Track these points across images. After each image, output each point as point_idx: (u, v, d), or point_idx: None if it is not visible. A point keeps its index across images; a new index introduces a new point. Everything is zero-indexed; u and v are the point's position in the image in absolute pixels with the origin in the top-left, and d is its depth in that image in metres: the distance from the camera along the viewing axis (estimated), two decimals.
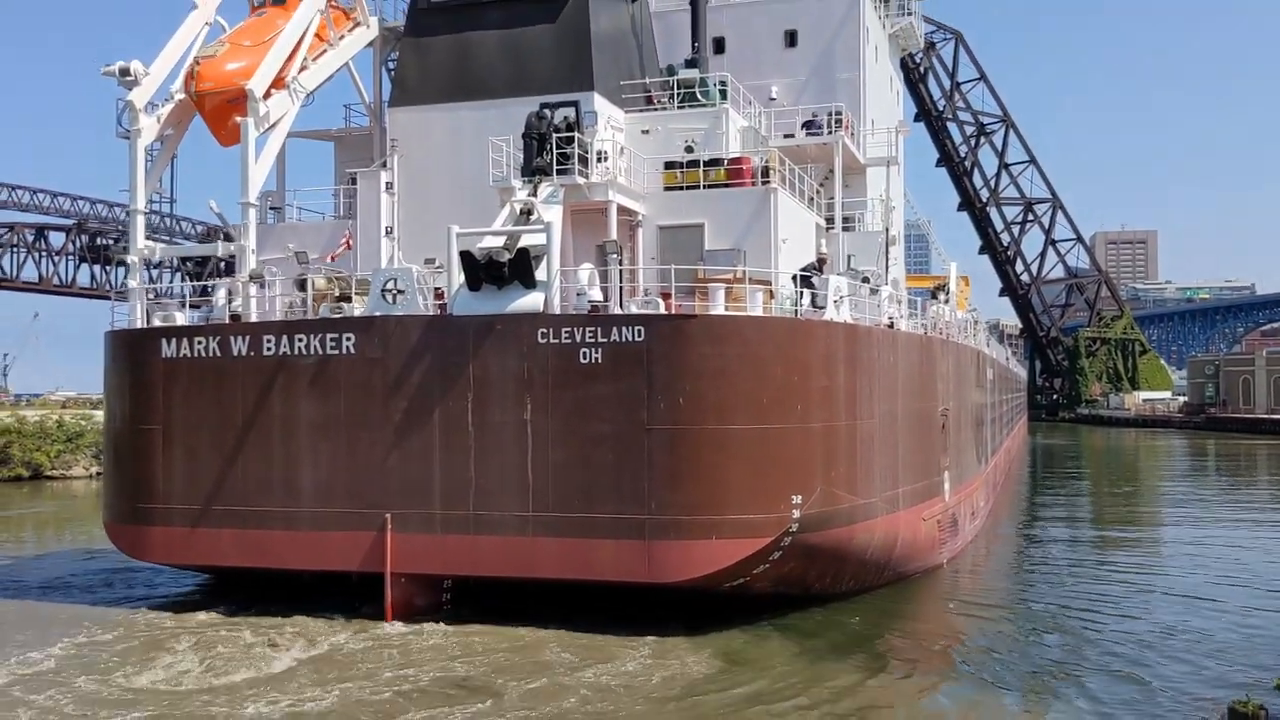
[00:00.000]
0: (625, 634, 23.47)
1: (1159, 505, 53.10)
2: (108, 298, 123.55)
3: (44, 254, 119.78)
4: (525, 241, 25.28)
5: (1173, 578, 31.28)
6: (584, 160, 28.59)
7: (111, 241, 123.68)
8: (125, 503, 28.05)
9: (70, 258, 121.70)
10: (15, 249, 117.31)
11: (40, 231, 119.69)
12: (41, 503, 54.82)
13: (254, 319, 27.54)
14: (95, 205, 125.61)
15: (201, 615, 25.93)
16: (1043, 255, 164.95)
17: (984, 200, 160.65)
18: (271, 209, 35.02)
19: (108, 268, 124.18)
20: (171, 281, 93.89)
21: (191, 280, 32.36)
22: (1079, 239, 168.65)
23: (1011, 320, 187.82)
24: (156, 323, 28.25)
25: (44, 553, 37.31)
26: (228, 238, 29.70)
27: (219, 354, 26.87)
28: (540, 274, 25.02)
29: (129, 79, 29.28)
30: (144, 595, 29.10)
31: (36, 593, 29.63)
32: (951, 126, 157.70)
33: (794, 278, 26.95)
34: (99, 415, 71.61)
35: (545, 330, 24.55)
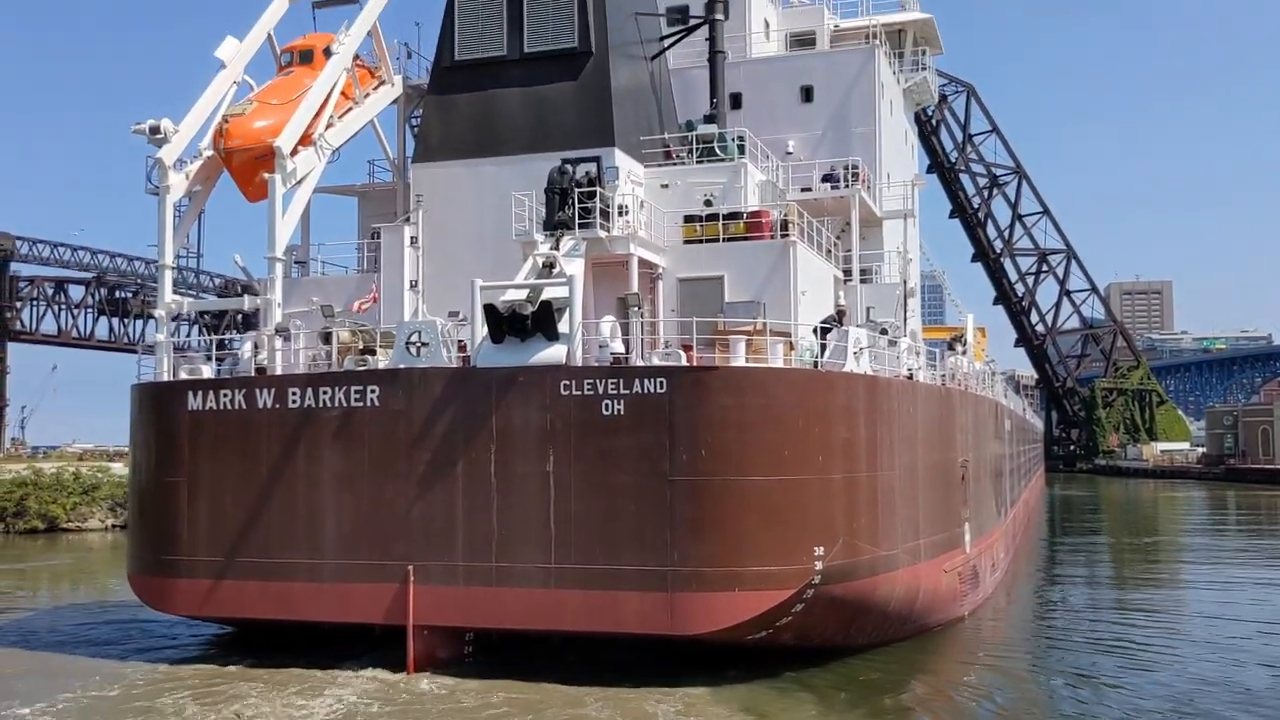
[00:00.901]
0: (650, 687, 23.38)
1: (1181, 558, 52.64)
2: (126, 350, 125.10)
3: (63, 307, 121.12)
4: (548, 294, 25.58)
5: (1197, 630, 30.96)
6: (605, 214, 29.00)
7: (130, 294, 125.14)
8: (150, 554, 28.21)
9: (89, 310, 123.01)
10: (35, 302, 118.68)
11: (60, 285, 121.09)
12: (57, 555, 54.71)
13: (279, 372, 27.87)
14: (115, 259, 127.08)
15: (219, 668, 25.87)
16: (1058, 306, 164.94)
17: (998, 251, 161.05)
18: (296, 263, 35.54)
19: (126, 320, 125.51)
20: (189, 334, 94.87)
21: (209, 333, 32.76)
22: (1094, 289, 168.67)
23: (1027, 370, 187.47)
24: (183, 376, 28.61)
25: (59, 605, 37.38)
26: (246, 291, 30.16)
27: (244, 406, 27.15)
28: (563, 326, 25.28)
29: (159, 136, 29.92)
30: (161, 648, 29.08)
31: (50, 645, 29.61)
32: (964, 178, 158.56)
33: (815, 329, 27.17)
34: (116, 467, 72.00)
35: (568, 382, 24.75)
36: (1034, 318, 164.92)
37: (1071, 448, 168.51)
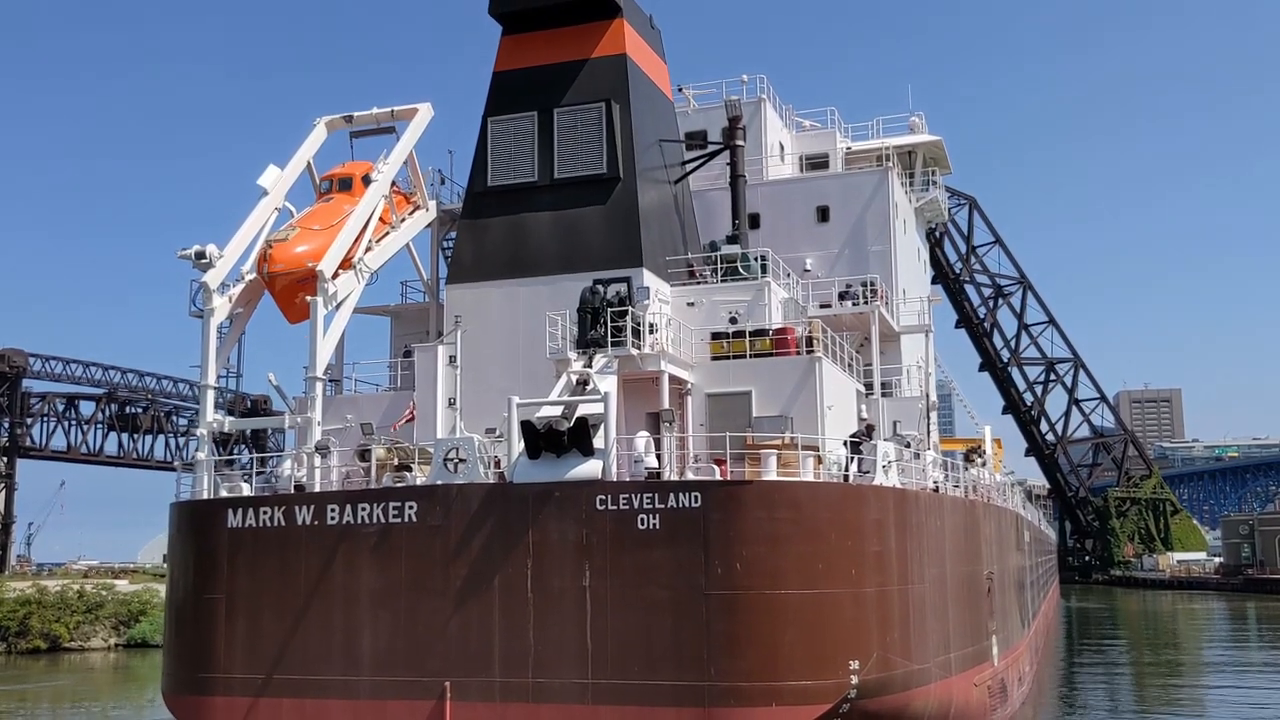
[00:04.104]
0: None
1: (1203, 674, 52.04)
2: (135, 465, 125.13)
3: (74, 423, 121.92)
4: (584, 411, 26.26)
5: None
6: (636, 332, 29.88)
7: (140, 410, 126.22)
8: (186, 672, 28.34)
9: (100, 426, 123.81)
10: (45, 418, 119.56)
11: (71, 401, 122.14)
12: (59, 676, 53.99)
13: (317, 488, 28.40)
14: (125, 375, 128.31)
15: None
16: (1067, 415, 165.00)
17: (1005, 361, 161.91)
18: (331, 381, 36.38)
19: (135, 435, 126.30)
20: (197, 450, 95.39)
21: (221, 450, 33.12)
22: (1103, 398, 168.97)
23: (1038, 480, 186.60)
24: (223, 494, 29.15)
25: None
26: (262, 412, 30.86)
27: (284, 523, 27.55)
28: (598, 442, 25.88)
29: (204, 261, 31.02)
30: None
31: None
32: (969, 289, 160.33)
33: (845, 443, 27.76)
34: (120, 585, 71.72)
35: (604, 497, 25.21)
36: (1044, 427, 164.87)
37: (1086, 558, 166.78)
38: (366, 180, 34.27)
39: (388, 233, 34.92)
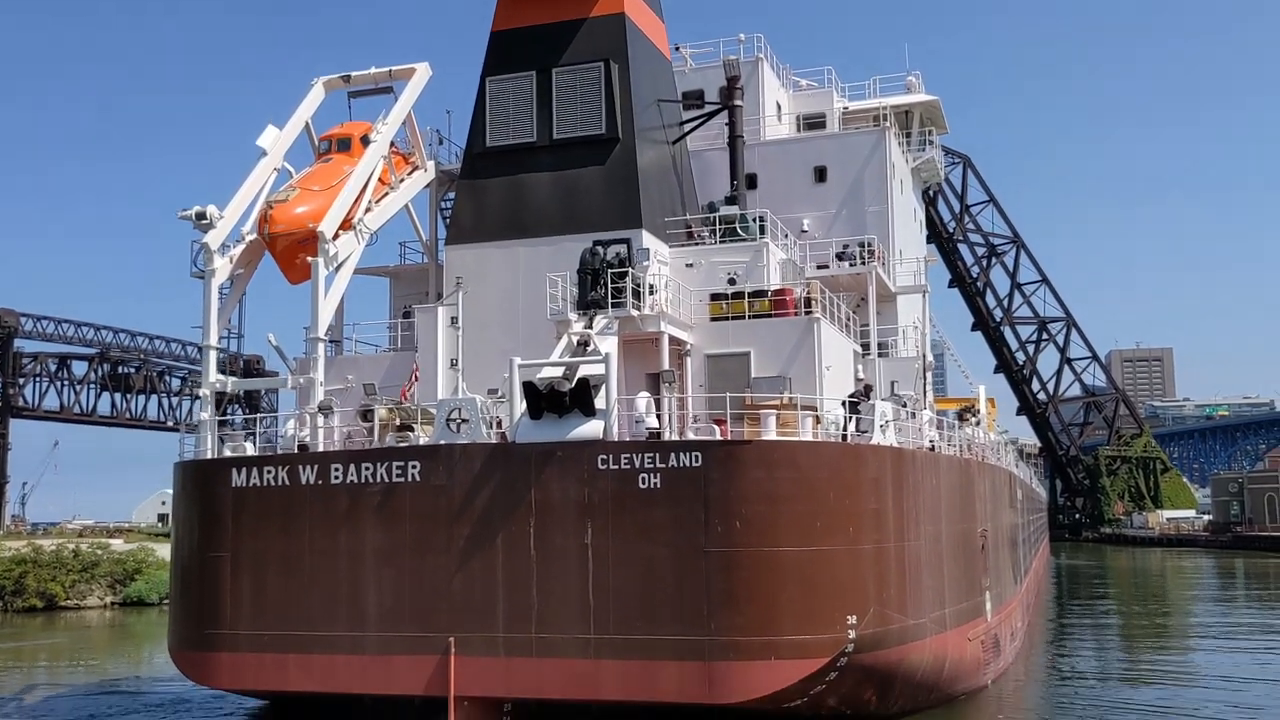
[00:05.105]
0: None
1: (1193, 628, 52.79)
2: (128, 425, 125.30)
3: (66, 383, 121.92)
4: (584, 371, 26.51)
5: (1208, 704, 30.98)
6: (636, 294, 30.08)
7: (133, 370, 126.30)
8: (192, 629, 28.73)
9: (92, 386, 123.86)
10: (38, 378, 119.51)
11: (63, 361, 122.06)
12: (55, 634, 54.37)
13: (320, 448, 28.68)
14: (118, 335, 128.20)
15: None
16: (1059, 374, 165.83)
17: (997, 320, 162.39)
18: (331, 342, 36.53)
19: (128, 396, 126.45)
20: (200, 410, 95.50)
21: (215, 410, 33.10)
22: (1094, 357, 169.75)
23: (1029, 439, 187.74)
24: (226, 453, 29.41)
25: (78, 684, 37.50)
26: (255, 371, 31.04)
27: (288, 483, 27.86)
28: (599, 402, 26.15)
29: (204, 222, 31.04)
30: None
31: None
32: (962, 248, 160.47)
33: (843, 403, 28.09)
34: (115, 544, 72.10)
35: (605, 457, 25.52)
36: (1035, 386, 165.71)
37: (1077, 516, 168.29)
38: (365, 141, 34.22)
39: (387, 193, 34.94)
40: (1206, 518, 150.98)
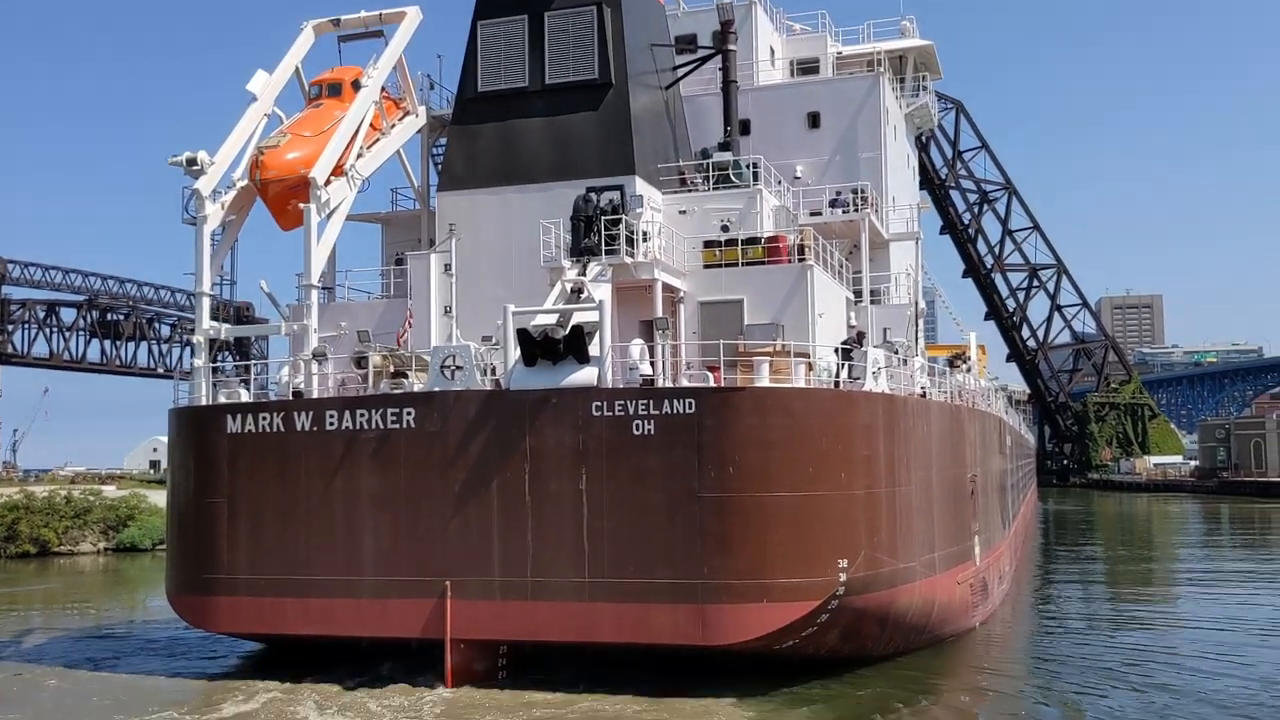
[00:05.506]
0: (680, 697, 24.26)
1: (1176, 571, 53.60)
2: (118, 373, 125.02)
3: (55, 329, 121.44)
4: (578, 319, 26.56)
5: (1193, 644, 31.51)
6: (629, 241, 30.06)
7: (122, 317, 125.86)
8: (190, 573, 29.02)
9: (81, 333, 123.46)
10: (27, 325, 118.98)
11: (52, 308, 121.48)
12: (49, 579, 54.61)
13: (315, 395, 28.78)
14: (106, 281, 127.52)
15: (262, 684, 26.57)
16: (1049, 321, 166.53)
17: (988, 267, 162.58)
18: (324, 289, 36.48)
19: (118, 343, 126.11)
20: (194, 357, 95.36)
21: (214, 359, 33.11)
22: (1084, 304, 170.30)
23: (1019, 385, 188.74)
24: (221, 400, 29.49)
25: (87, 624, 38.06)
26: (245, 318, 31.07)
27: (283, 429, 28.00)
28: (593, 350, 26.25)
29: (195, 168, 30.87)
30: (186, 667, 29.92)
31: (94, 664, 30.28)
32: (954, 194, 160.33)
33: (836, 350, 28.24)
34: (107, 490, 72.33)
35: (599, 403, 25.68)
36: (1025, 333, 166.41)
37: (1065, 462, 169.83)
38: (356, 85, 33.95)
39: (378, 139, 34.69)
40: (1193, 463, 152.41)
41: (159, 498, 64.15)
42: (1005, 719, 23.54)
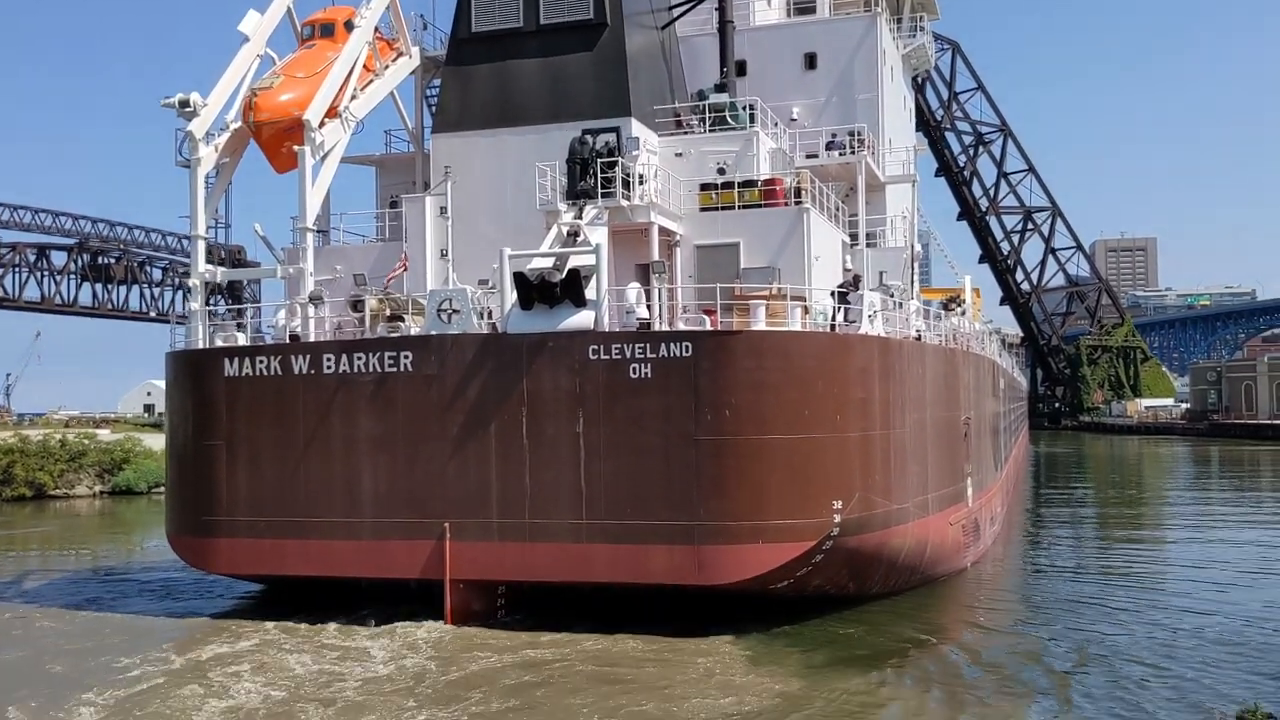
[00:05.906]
0: (677, 637, 24.66)
1: (1166, 512, 54.19)
2: (109, 316, 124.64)
3: (45, 273, 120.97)
4: (575, 262, 26.58)
5: (1182, 584, 31.92)
6: (625, 183, 29.94)
7: (113, 260, 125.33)
8: (190, 515, 29.25)
9: (72, 277, 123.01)
10: (17, 268, 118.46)
11: (42, 251, 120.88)
12: (46, 522, 54.92)
13: (311, 338, 28.83)
14: (96, 224, 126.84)
15: (267, 624, 26.95)
16: (1043, 264, 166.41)
17: (983, 209, 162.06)
18: (318, 232, 36.34)
19: (109, 286, 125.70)
20: (189, 300, 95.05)
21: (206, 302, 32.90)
22: (1079, 247, 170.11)
23: (1012, 328, 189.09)
24: (218, 343, 29.52)
25: (92, 565, 38.39)
26: (237, 261, 31.02)
27: (280, 372, 28.07)
28: (590, 293, 26.29)
29: (188, 110, 30.57)
30: (183, 607, 30.31)
31: (93, 605, 30.60)
32: (950, 136, 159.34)
33: (833, 293, 28.27)
34: (102, 434, 72.50)
35: (596, 347, 25.77)
36: (1019, 276, 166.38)
37: (1056, 405, 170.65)
38: (349, 26, 33.54)
39: (372, 80, 34.32)
40: (1184, 406, 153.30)
41: (154, 441, 64.41)
42: (1004, 656, 23.89)
